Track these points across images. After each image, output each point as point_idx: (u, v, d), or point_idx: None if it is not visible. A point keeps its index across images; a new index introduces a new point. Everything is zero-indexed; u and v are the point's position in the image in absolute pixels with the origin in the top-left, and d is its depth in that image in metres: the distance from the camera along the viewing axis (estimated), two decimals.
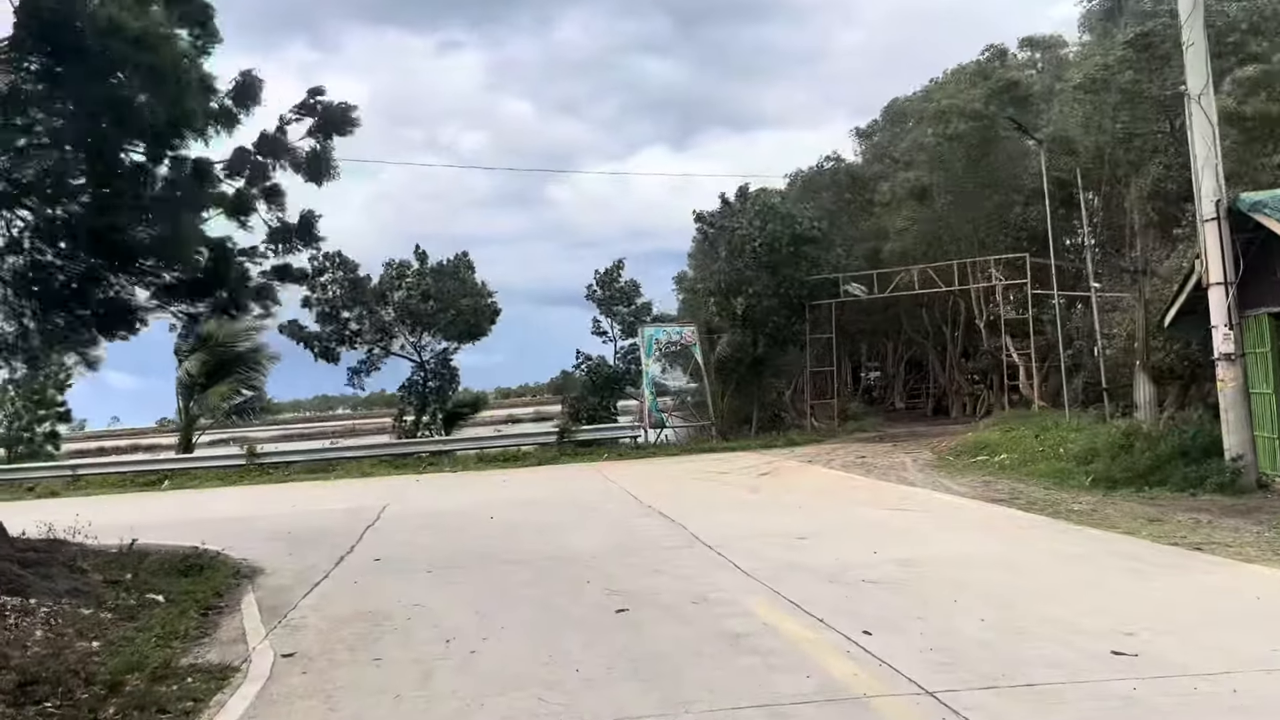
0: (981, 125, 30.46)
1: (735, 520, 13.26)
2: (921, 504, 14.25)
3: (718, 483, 18.73)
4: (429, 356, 32.47)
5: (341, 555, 12.24)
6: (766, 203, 30.94)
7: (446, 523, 15.28)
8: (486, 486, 21.13)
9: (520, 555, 11.55)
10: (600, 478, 20.99)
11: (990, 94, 30.92)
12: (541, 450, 27.99)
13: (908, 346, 48.88)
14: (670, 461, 24.66)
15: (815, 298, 31.16)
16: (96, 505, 22.67)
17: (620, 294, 34.05)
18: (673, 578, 9.52)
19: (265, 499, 21.24)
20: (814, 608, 7.82)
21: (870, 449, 24.42)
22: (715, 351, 30.33)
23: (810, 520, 12.91)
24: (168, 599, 9.37)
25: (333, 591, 10.00)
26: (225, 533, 15.40)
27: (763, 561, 9.99)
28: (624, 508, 15.57)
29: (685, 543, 11.62)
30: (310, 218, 13.00)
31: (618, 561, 10.66)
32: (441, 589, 9.72)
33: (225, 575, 10.96)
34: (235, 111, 12.07)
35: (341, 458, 28.57)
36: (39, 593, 8.56)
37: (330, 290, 30.99)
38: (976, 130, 30.58)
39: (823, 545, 10.92)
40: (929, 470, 18.87)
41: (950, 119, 31.11)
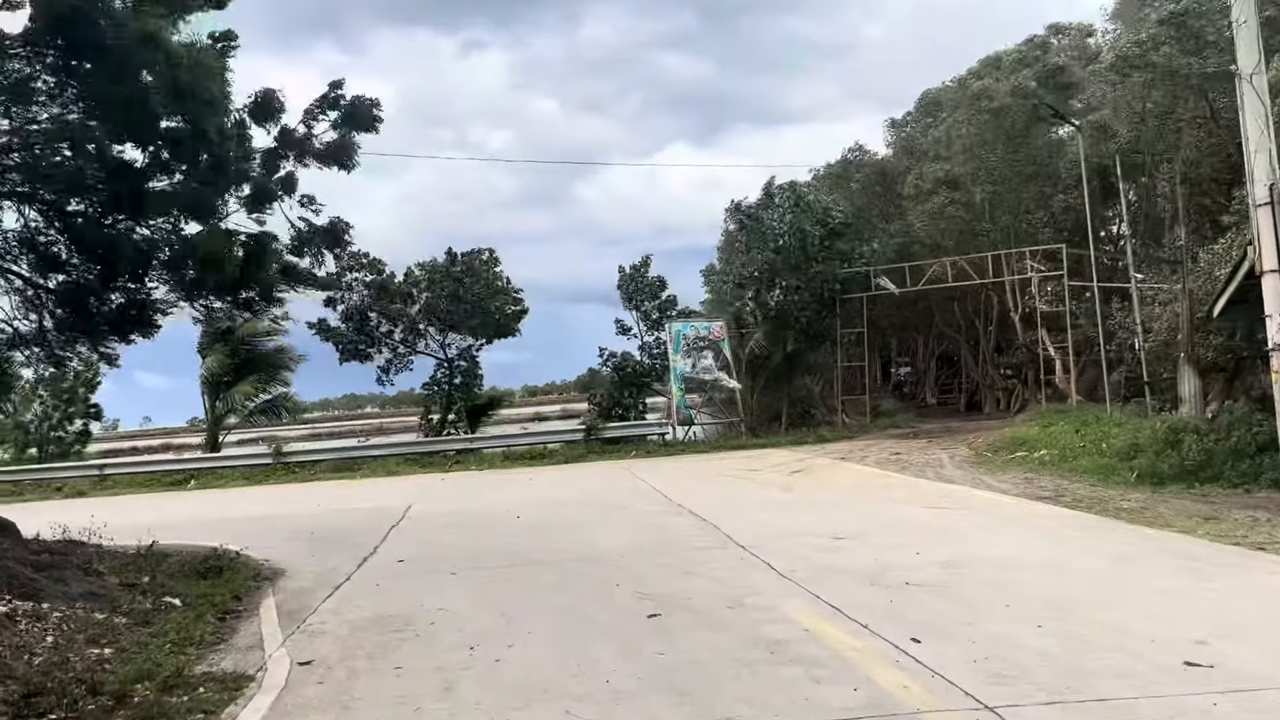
0: (1024, 105, 29.77)
1: (769, 519, 12.83)
2: (961, 502, 13.75)
3: (749, 480, 18.28)
4: (454, 354, 32.21)
5: (365, 556, 11.94)
6: (800, 196, 30.39)
7: (472, 522, 14.95)
8: (512, 485, 20.81)
9: (547, 556, 11.19)
10: (628, 475, 20.60)
11: (1038, 76, 30.27)
12: (568, 448, 27.65)
13: (939, 341, 48.15)
14: (699, 459, 24.23)
15: (846, 292, 30.60)
16: (122, 505, 22.61)
17: (647, 289, 33.63)
18: (706, 580, 9.12)
19: (290, 498, 21.04)
20: (857, 612, 7.39)
21: (904, 445, 23.87)
22: (745, 347, 29.84)
23: (846, 519, 12.45)
24: (185, 602, 9.09)
25: (354, 594, 9.68)
26: (248, 533, 15.20)
27: (799, 563, 9.57)
28: (653, 506, 15.18)
29: (718, 543, 11.20)
30: (339, 225, 12.70)
31: (648, 562, 10.28)
32: (466, 591, 9.37)
33: (245, 577, 10.67)
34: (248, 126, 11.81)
35: (367, 456, 28.36)
36: (52, 597, 8.30)
37: (357, 292, 30.79)
38: (1017, 111, 29.93)
39: (861, 545, 10.47)
40: (967, 466, 18.33)
41: (993, 95, 30.44)
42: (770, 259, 29.14)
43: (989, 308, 38.04)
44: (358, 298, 30.82)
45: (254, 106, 11.49)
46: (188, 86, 9.52)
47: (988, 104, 30.13)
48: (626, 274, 33.78)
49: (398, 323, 31.33)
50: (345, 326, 30.94)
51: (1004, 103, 29.60)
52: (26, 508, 23.41)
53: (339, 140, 12.58)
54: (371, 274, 30.88)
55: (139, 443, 64.85)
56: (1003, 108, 29.76)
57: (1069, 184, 30.97)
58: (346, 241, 12.89)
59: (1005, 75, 31.41)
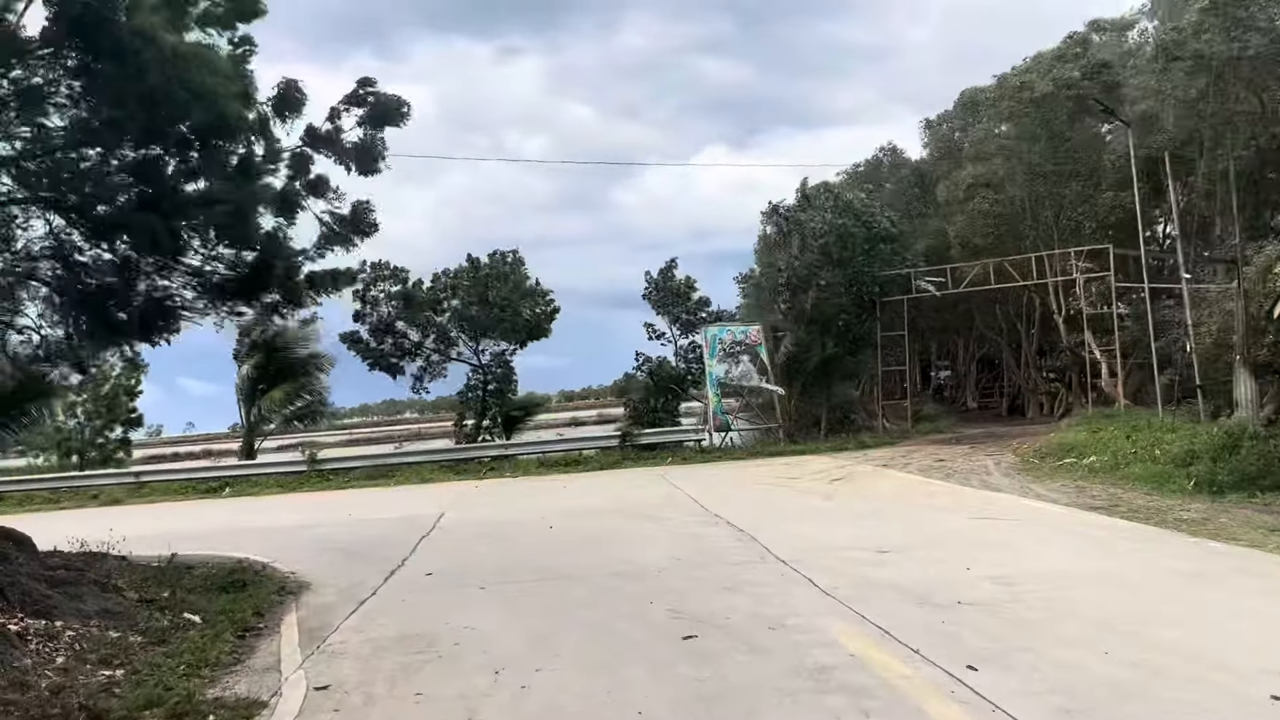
0: (1065, 100, 28.99)
1: (809, 531, 12.34)
2: (1010, 512, 13.16)
3: (788, 489, 17.77)
4: (488, 359, 31.97)
5: (392, 569, 11.61)
6: (841, 198, 29.80)
7: (504, 532, 14.59)
8: (546, 492, 20.46)
9: (579, 569, 10.79)
10: (664, 483, 20.17)
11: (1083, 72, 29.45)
12: (603, 454, 27.25)
13: (980, 344, 47.28)
14: (736, 466, 23.72)
15: (886, 294, 29.96)
16: (156, 513, 22.59)
17: (676, 293, 33.18)
18: (744, 597, 8.66)
19: (323, 506, 20.84)
20: (906, 635, 6.92)
21: (947, 451, 23.22)
22: (781, 351, 29.28)
23: (891, 530, 11.95)
24: (204, 619, 8.80)
25: (379, 611, 9.34)
26: (278, 543, 14.99)
27: (843, 578, 9.09)
28: (689, 516, 14.73)
29: (756, 556, 10.74)
30: (363, 208, 12.38)
31: (683, 577, 9.85)
32: (494, 608, 9.00)
33: (269, 592, 10.39)
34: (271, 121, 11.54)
35: (402, 463, 28.16)
36: (66, 614, 8.03)
37: (384, 305, 30.66)
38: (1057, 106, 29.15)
39: (908, 560, 9.97)
40: (1013, 474, 17.70)
41: (1035, 86, 29.66)
42: (809, 261, 28.55)
43: (1031, 310, 37.23)
44: (386, 309, 30.66)
45: (276, 100, 11.21)
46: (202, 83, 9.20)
47: (1028, 95, 29.37)
48: (654, 278, 33.37)
49: (428, 332, 31.12)
50: (374, 340, 30.81)
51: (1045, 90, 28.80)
52: (61, 515, 23.51)
53: (366, 139, 12.31)
54: (396, 284, 30.70)
55: (181, 448, 65.55)
56: (1044, 97, 28.96)
57: (1112, 181, 30.15)
58: (371, 224, 12.53)
59: (1044, 72, 30.63)
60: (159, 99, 9.79)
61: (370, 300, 30.38)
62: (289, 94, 11.21)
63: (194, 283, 12.78)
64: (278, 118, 11.31)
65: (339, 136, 12.05)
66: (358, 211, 12.30)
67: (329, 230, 12.12)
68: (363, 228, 12.37)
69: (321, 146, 12.13)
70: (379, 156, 12.67)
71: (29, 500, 26.99)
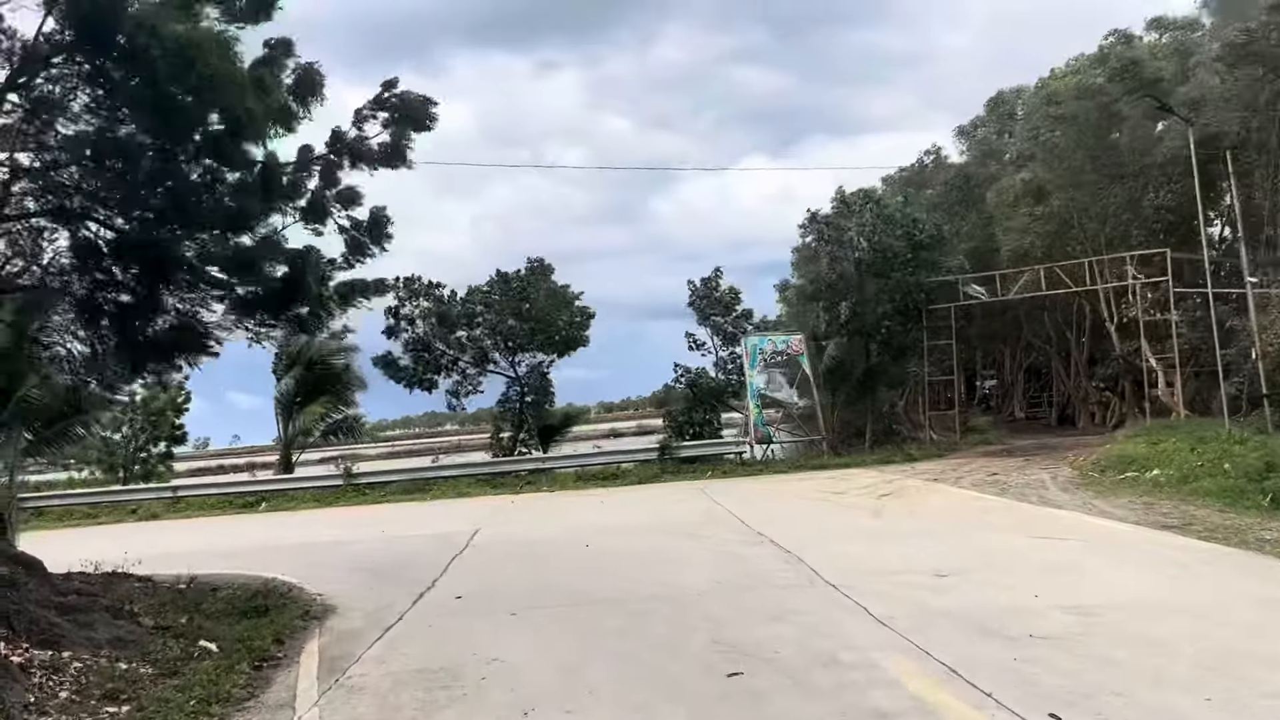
0: (1097, 105, 28.04)
1: (859, 551, 11.65)
2: (1075, 531, 12.36)
3: (834, 505, 17.05)
4: (524, 371, 31.54)
5: (422, 591, 11.11)
6: (881, 205, 29.05)
7: (538, 551, 14.04)
8: (583, 508, 19.91)
9: (615, 593, 10.21)
10: (704, 498, 19.53)
11: (1111, 75, 28.43)
12: (642, 467, 26.67)
13: (1027, 353, 46.19)
14: (779, 480, 23.00)
15: (932, 302, 29.10)
16: (190, 529, 22.38)
17: (720, 303, 32.56)
18: (793, 627, 8.02)
19: (357, 522, 20.46)
20: (975, 674, 6.25)
21: (999, 464, 22.35)
22: (824, 361, 28.54)
23: (946, 551, 11.22)
24: (221, 648, 8.33)
25: (404, 638, 8.82)
26: (308, 561, 14.62)
27: (899, 606, 8.42)
28: (731, 534, 14.08)
29: (804, 580, 10.08)
30: (381, 215, 11.94)
31: (726, 603, 9.22)
32: (524, 637, 8.44)
33: (292, 616, 9.92)
34: (295, 108, 11.11)
35: (438, 477, 27.77)
36: (75, 644, 7.61)
37: (418, 323, 30.38)
38: (1092, 111, 28.19)
39: (969, 585, 9.27)
40: (1073, 489, 16.84)
41: (1061, 99, 28.78)
42: (850, 269, 27.81)
43: (1081, 317, 36.17)
44: (421, 327, 30.38)
45: (294, 86, 10.77)
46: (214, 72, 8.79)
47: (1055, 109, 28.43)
48: (698, 288, 32.79)
49: (465, 350, 30.76)
50: (408, 357, 30.53)
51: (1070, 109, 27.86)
52: (97, 532, 23.42)
53: (393, 141, 11.88)
54: (429, 300, 30.40)
55: (225, 460, 66.19)
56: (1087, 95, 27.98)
57: (1163, 184, 29.11)
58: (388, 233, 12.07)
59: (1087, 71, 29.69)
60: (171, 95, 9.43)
61: (404, 317, 30.09)
62: (307, 78, 10.76)
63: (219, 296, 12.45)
64: (298, 103, 10.84)
65: (364, 142, 11.63)
66: (376, 219, 11.86)
67: (350, 239, 11.68)
68: (380, 236, 11.93)
69: (347, 153, 11.72)
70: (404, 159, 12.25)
71: (68, 515, 26.98)
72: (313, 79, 10.80)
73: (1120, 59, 28.53)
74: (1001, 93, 37.80)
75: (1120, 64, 28.31)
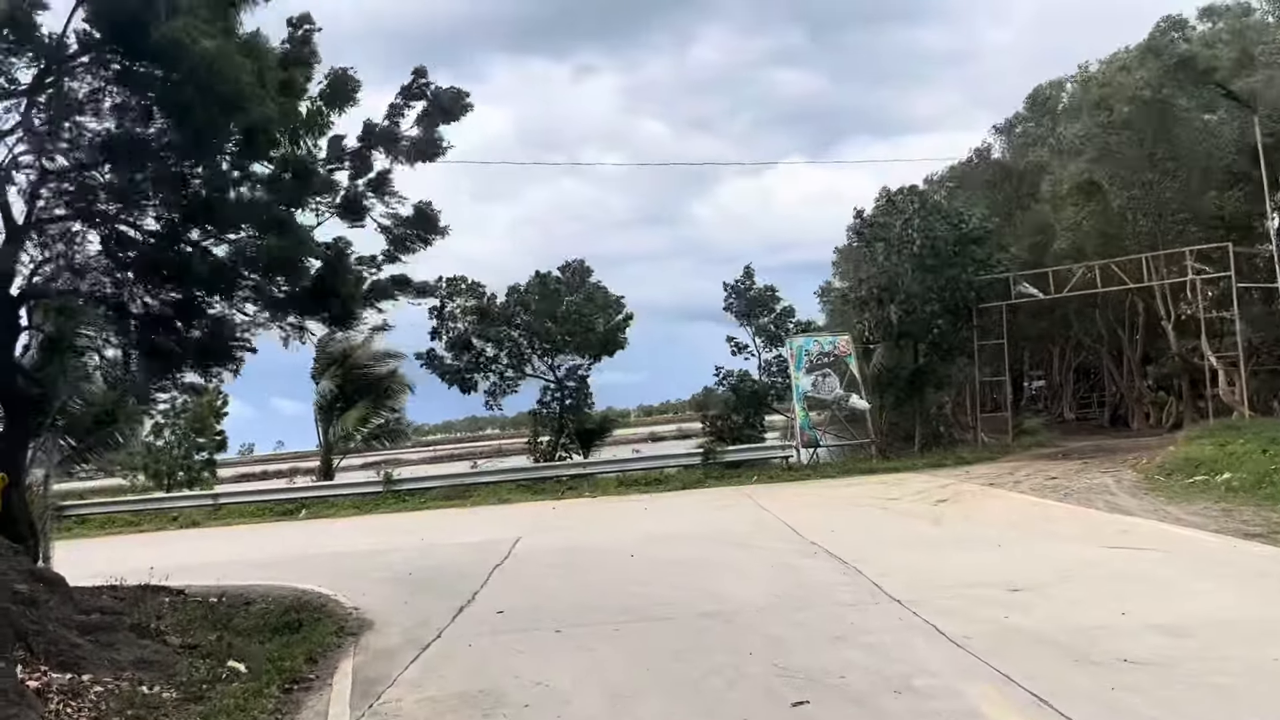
0: (1154, 109, 26.98)
1: (922, 563, 10.98)
2: (1152, 540, 11.59)
3: (889, 511, 16.35)
4: (563, 374, 31.09)
5: (462, 604, 10.64)
6: (928, 200, 28.23)
7: (581, 561, 13.52)
8: (626, 515, 19.38)
9: (665, 608, 9.65)
10: (751, 505, 18.91)
11: (1163, 73, 27.33)
12: (685, 472, 26.08)
13: (1076, 352, 45.00)
14: (827, 485, 22.29)
15: (982, 300, 28.20)
16: (229, 537, 22.17)
17: (759, 302, 31.91)
18: (860, 649, 7.42)
19: (396, 530, 20.09)
20: (1068, 705, 5.63)
21: (1057, 468, 21.47)
22: (871, 362, 27.77)
23: (1017, 563, 10.54)
24: (250, 668, 7.89)
25: (441, 659, 8.33)
26: (346, 571, 14.25)
27: (973, 624, 7.78)
28: (783, 544, 13.46)
29: (866, 595, 9.45)
30: (426, 209, 11.50)
31: (785, 621, 8.63)
32: (569, 658, 7.91)
33: (326, 633, 9.48)
34: (327, 114, 10.73)
35: (478, 483, 27.39)
36: (96, 666, 7.20)
37: (460, 321, 30.10)
38: (1148, 114, 27.12)
39: (1044, 600, 8.60)
40: (1141, 494, 16.00)
41: (1112, 105, 27.74)
42: (897, 267, 27.02)
43: (1134, 315, 35.03)
44: (462, 324, 30.08)
45: (327, 92, 10.38)
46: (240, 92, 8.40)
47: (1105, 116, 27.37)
48: (732, 289, 32.19)
49: (503, 346, 30.41)
50: (451, 356, 30.24)
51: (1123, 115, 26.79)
52: (137, 540, 23.29)
53: (425, 135, 11.45)
54: (472, 299, 30.09)
55: (270, 466, 66.60)
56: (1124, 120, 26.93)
57: (1225, 178, 27.99)
58: (438, 226, 11.63)
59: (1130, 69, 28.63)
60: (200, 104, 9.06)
61: (446, 316, 29.82)
62: (340, 84, 10.37)
63: (251, 297, 12.12)
64: (331, 109, 10.46)
65: (397, 134, 11.21)
66: (421, 214, 11.42)
67: (390, 233, 11.25)
68: (428, 228, 11.46)
69: (379, 143, 11.30)
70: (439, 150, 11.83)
71: (110, 523, 26.96)
72: (346, 85, 10.41)
73: (1174, 54, 27.44)
74: (1040, 87, 36.82)
75: (1175, 60, 27.23)
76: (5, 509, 11.27)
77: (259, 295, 12.07)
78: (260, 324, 12.43)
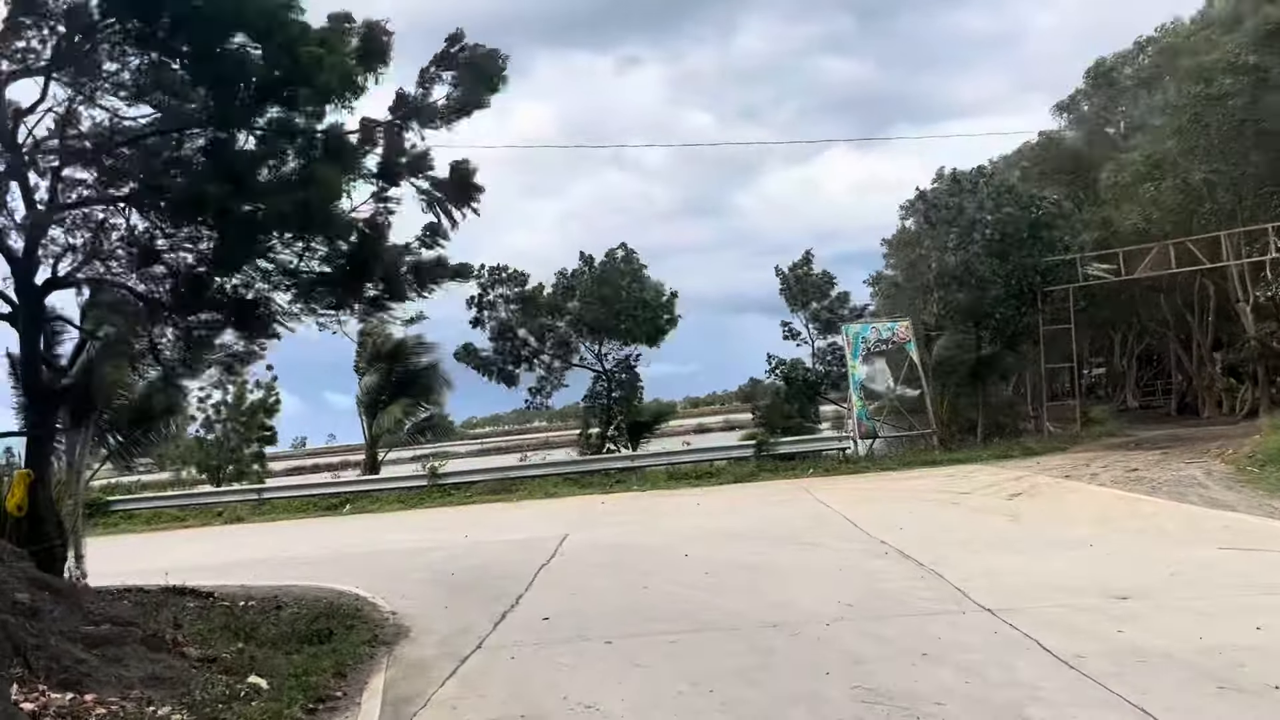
0: (1250, 76, 25.41)
1: (1008, 565, 9.98)
2: (1266, 540, 10.42)
3: (961, 507, 15.30)
4: (611, 365, 30.26)
5: (504, 610, 9.87)
6: (1000, 182, 26.93)
7: (632, 561, 12.66)
8: (678, 510, 18.52)
9: (726, 618, 8.76)
10: (810, 500, 17.94)
11: (1258, 40, 25.73)
12: (736, 465, 25.14)
13: (1139, 338, 43.32)
14: (888, 478, 21.23)
15: (1050, 283, 26.85)
16: (273, 532, 21.70)
17: (814, 288, 30.82)
18: (952, 668, 6.49)
19: (440, 526, 19.44)
20: None
21: (1134, 458, 20.20)
22: (935, 350, 26.59)
23: (1117, 566, 9.50)
24: (272, 684, 7.16)
25: (481, 673, 7.55)
26: (385, 570, 13.61)
27: (1082, 639, 6.82)
28: (848, 543, 12.50)
29: (950, 602, 8.49)
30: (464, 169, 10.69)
31: (861, 634, 7.70)
32: (622, 676, 7.06)
33: (359, 641, 8.74)
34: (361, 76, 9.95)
35: (525, 477, 26.72)
36: (102, 684, 6.50)
37: (501, 309, 29.41)
38: (1240, 82, 25.56)
39: (1160, 611, 7.59)
40: (1237, 486, 14.78)
41: (1206, 75, 26.16)
42: (966, 252, 25.78)
43: (1205, 298, 33.39)
44: (504, 313, 29.39)
45: (360, 51, 9.60)
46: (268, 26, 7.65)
47: (1204, 88, 25.81)
48: (788, 275, 31.11)
49: (545, 338, 29.66)
50: (492, 348, 29.57)
51: (1223, 87, 25.24)
52: (180, 536, 22.97)
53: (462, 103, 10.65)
54: (516, 287, 29.35)
55: (320, 460, 67.04)
56: (1224, 92, 25.38)
57: None
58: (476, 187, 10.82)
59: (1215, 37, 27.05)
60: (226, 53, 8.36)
61: (487, 305, 29.14)
62: (373, 40, 9.58)
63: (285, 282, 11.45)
64: (366, 72, 9.69)
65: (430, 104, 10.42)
66: (459, 172, 10.58)
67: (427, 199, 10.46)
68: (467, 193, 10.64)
69: (412, 116, 10.53)
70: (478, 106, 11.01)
71: (157, 518, 26.72)
72: (379, 40, 9.61)
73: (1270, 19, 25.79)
74: (1102, 60, 35.21)
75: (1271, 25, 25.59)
76: (31, 507, 10.76)
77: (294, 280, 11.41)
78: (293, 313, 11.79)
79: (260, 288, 11.59)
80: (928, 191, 28.11)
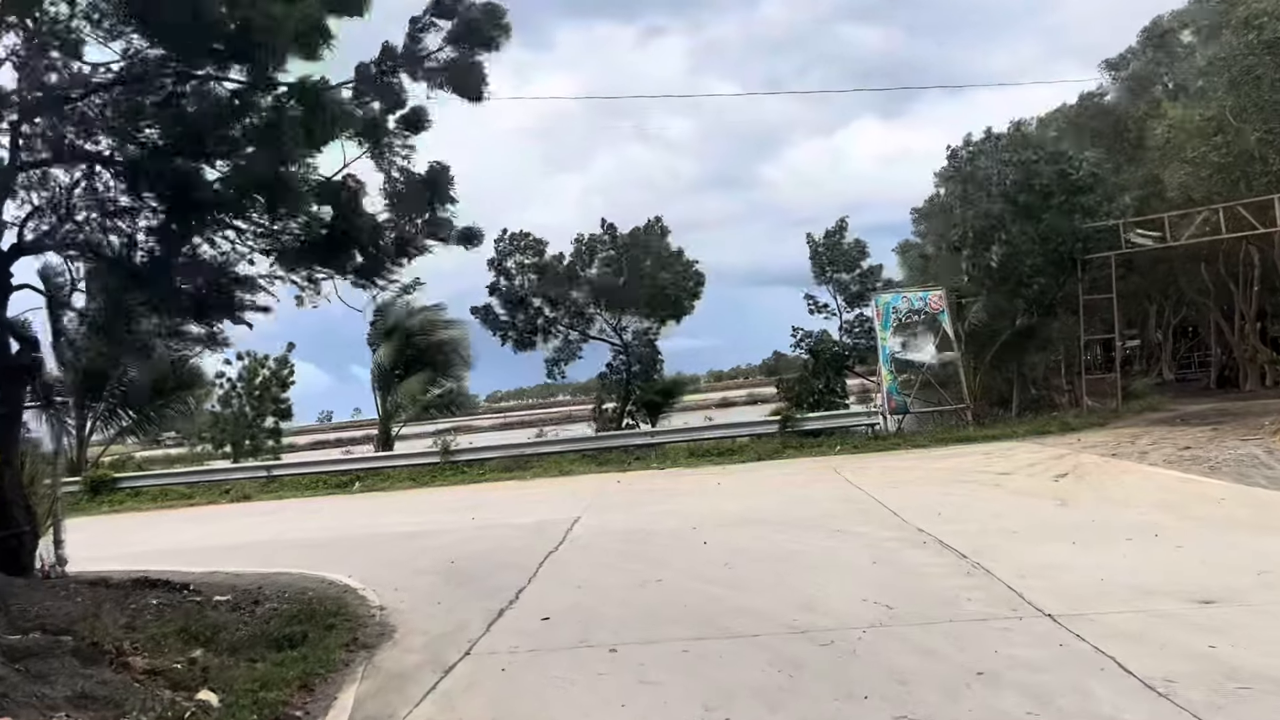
0: None
1: (1066, 559, 8.87)
2: None
3: (1002, 489, 14.16)
4: (630, 338, 29.23)
5: (501, 607, 8.90)
6: (1026, 135, 25.56)
7: (646, 550, 11.65)
8: (698, 491, 17.50)
9: (747, 620, 7.72)
10: (839, 480, 16.87)
11: None
12: (760, 442, 24.06)
13: (1176, 309, 41.79)
14: (921, 456, 20.07)
15: (1089, 250, 25.48)
16: (276, 512, 20.89)
17: (843, 258, 29.60)
18: (1016, 692, 5.44)
19: (448, 506, 18.53)
20: None
21: (1183, 435, 18.96)
22: (968, 319, 25.33)
23: (1195, 561, 8.37)
24: (224, 700, 6.24)
25: (464, 689, 6.57)
26: (383, 557, 12.74)
27: (1169, 657, 5.75)
28: (883, 530, 11.43)
29: (1004, 605, 7.41)
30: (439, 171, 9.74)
31: (903, 644, 6.65)
32: (627, 696, 6.07)
33: (337, 644, 7.81)
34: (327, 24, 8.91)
35: (539, 454, 25.78)
36: (19, 705, 5.58)
37: (517, 276, 28.45)
38: None
39: (1260, 618, 6.49)
40: None
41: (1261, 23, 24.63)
42: (992, 210, 24.46)
43: (1249, 268, 31.89)
44: (521, 280, 28.44)
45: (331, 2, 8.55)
46: None
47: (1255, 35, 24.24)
48: (819, 243, 29.90)
49: (559, 306, 28.67)
50: (511, 317, 28.65)
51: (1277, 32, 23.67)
52: (182, 515, 22.25)
53: (459, 59, 9.60)
54: (534, 255, 28.35)
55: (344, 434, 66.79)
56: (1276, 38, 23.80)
57: None
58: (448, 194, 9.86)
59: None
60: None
61: (504, 271, 28.20)
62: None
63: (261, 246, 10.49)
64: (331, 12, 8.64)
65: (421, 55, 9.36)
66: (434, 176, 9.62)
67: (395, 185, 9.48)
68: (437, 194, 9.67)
69: (402, 67, 9.49)
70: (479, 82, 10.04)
71: (164, 495, 26.06)
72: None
73: None
74: (1160, 19, 33.49)
75: None
76: None
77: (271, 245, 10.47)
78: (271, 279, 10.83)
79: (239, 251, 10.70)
80: (959, 149, 26.74)
